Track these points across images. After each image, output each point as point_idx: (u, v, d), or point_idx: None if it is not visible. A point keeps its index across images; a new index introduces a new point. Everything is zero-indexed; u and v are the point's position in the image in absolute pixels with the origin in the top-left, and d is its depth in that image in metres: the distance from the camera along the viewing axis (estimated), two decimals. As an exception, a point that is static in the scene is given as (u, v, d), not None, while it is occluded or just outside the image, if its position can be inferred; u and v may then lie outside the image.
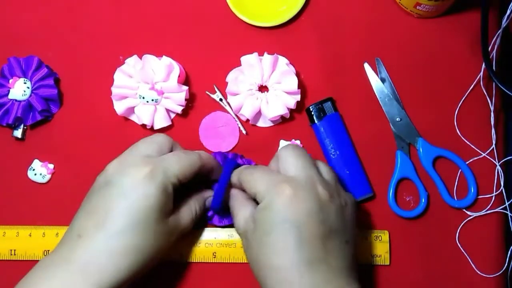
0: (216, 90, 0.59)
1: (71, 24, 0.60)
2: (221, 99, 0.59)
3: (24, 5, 0.61)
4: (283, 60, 0.57)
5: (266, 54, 0.56)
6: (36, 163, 0.58)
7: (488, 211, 0.57)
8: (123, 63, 0.58)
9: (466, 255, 0.57)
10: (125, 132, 0.59)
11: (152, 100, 0.56)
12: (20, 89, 0.57)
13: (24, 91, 0.57)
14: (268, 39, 0.59)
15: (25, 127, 0.59)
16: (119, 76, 0.57)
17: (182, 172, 0.49)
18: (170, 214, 0.50)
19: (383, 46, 0.59)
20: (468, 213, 0.57)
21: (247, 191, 0.50)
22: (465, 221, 0.57)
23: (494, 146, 0.58)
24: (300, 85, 0.57)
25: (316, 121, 0.57)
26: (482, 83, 0.58)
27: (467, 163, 0.57)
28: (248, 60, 0.57)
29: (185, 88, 0.57)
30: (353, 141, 0.58)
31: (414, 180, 0.57)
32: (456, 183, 0.58)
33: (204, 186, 0.55)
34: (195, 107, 0.59)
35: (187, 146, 0.55)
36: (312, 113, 0.57)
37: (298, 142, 0.58)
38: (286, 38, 0.60)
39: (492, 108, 0.58)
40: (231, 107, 0.58)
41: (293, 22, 0.60)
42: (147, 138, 0.52)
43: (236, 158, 0.56)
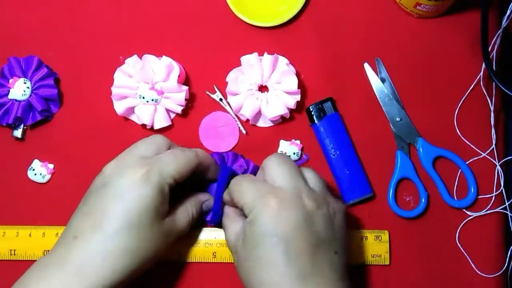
0: (216, 90, 0.59)
1: (71, 24, 0.60)
2: (221, 99, 0.59)
3: (24, 5, 0.61)
4: (283, 60, 0.57)
5: (266, 54, 0.56)
6: (36, 163, 0.58)
7: (488, 211, 0.57)
8: (123, 63, 0.58)
9: (466, 255, 0.57)
10: (125, 132, 0.58)
11: (152, 100, 0.56)
12: (20, 89, 0.57)
13: (24, 91, 0.57)
14: (268, 39, 0.59)
15: (25, 127, 0.59)
16: (119, 76, 0.57)
17: (179, 171, 0.49)
18: (166, 215, 0.50)
19: (383, 46, 0.59)
20: (468, 213, 0.57)
21: (236, 203, 0.49)
22: (465, 221, 0.57)
23: (494, 146, 0.58)
24: (300, 85, 0.57)
25: (316, 121, 0.57)
26: (482, 83, 0.58)
27: (467, 163, 0.57)
28: (248, 60, 0.57)
29: (185, 88, 0.57)
30: (353, 141, 0.58)
31: (414, 180, 0.57)
32: (456, 183, 0.58)
33: (200, 187, 0.55)
34: (195, 107, 0.59)
35: (187, 146, 0.55)
36: (312, 113, 0.57)
37: (298, 142, 0.58)
38: (286, 38, 0.60)
39: (492, 108, 0.58)
40: (231, 107, 0.58)
41: (293, 22, 0.60)
42: (144, 139, 0.52)
43: (236, 157, 0.57)
